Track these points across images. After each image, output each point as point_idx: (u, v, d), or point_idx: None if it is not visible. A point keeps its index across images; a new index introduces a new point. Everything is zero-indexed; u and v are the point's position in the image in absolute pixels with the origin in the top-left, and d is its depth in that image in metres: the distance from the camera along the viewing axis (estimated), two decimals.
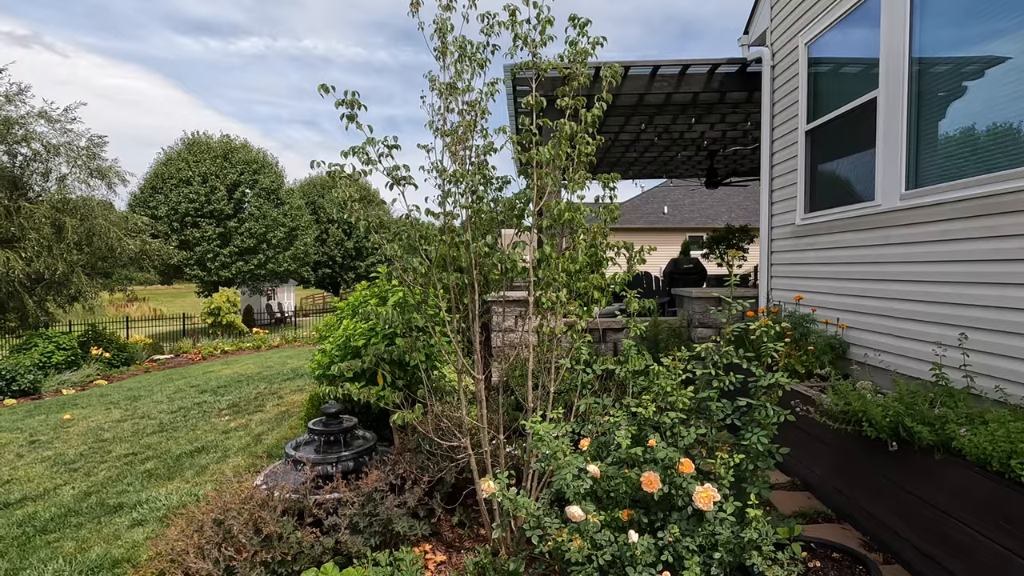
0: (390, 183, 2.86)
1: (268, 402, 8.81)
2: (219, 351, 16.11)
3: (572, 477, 2.25)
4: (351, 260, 32.34)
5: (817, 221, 4.74)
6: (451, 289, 3.16)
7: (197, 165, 22.06)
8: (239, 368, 12.71)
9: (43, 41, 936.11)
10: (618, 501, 2.41)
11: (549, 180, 2.98)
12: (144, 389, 10.72)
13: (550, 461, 2.44)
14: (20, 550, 4.04)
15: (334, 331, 5.08)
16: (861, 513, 3.19)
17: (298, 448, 3.79)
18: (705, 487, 2.10)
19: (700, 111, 7.20)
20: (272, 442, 6.40)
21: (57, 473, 5.87)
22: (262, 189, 23.26)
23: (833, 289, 4.51)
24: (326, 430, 3.72)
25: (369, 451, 3.79)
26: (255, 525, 2.84)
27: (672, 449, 2.25)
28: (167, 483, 5.30)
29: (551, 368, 3.22)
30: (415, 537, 3.28)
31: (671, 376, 2.60)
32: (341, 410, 3.85)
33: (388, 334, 4.68)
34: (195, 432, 7.19)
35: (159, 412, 8.52)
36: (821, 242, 4.69)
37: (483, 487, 2.43)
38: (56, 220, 12.72)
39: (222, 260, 21.78)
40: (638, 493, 2.32)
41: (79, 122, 13.78)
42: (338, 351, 4.74)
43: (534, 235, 3.02)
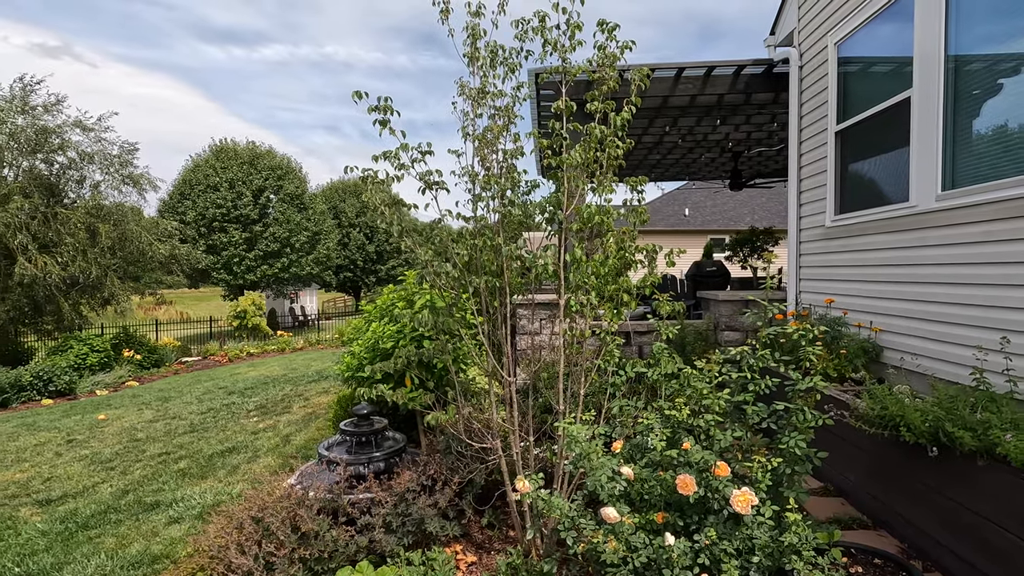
0: (423, 188, 2.90)
1: (294, 404, 8.96)
2: (245, 353, 16.41)
3: (606, 479, 2.26)
4: (372, 264, 32.68)
5: (848, 223, 4.67)
6: (481, 292, 3.19)
7: (224, 171, 22.56)
8: (265, 370, 12.94)
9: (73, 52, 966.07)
10: (652, 504, 2.41)
11: (580, 183, 3.00)
12: (174, 390, 10.98)
13: (583, 463, 2.45)
14: (64, 545, 4.18)
15: (362, 334, 5.15)
16: (898, 519, 3.13)
17: (330, 449, 3.86)
18: (743, 491, 2.09)
19: (725, 112, 7.15)
20: (300, 443, 6.50)
21: (95, 471, 6.05)
22: (286, 194, 23.68)
23: (866, 292, 4.44)
24: (358, 431, 3.78)
25: (399, 452, 3.84)
26: (292, 523, 2.91)
27: (708, 452, 2.24)
28: (200, 482, 5.43)
29: (581, 371, 3.23)
30: (446, 537, 3.32)
31: (705, 379, 2.59)
32: (372, 412, 3.91)
33: (416, 337, 4.74)
34: (225, 432, 7.34)
35: (189, 413, 8.72)
36: (853, 244, 4.62)
37: (517, 487, 2.45)
38: (90, 225, 13.11)
39: (247, 264, 22.21)
40: (672, 496, 2.32)
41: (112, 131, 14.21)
42: (367, 353, 4.81)
43: (564, 238, 3.03)
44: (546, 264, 2.91)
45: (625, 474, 2.40)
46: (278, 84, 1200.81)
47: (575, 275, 2.97)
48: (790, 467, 2.28)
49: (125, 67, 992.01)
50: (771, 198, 26.97)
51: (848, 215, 4.70)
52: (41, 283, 12.12)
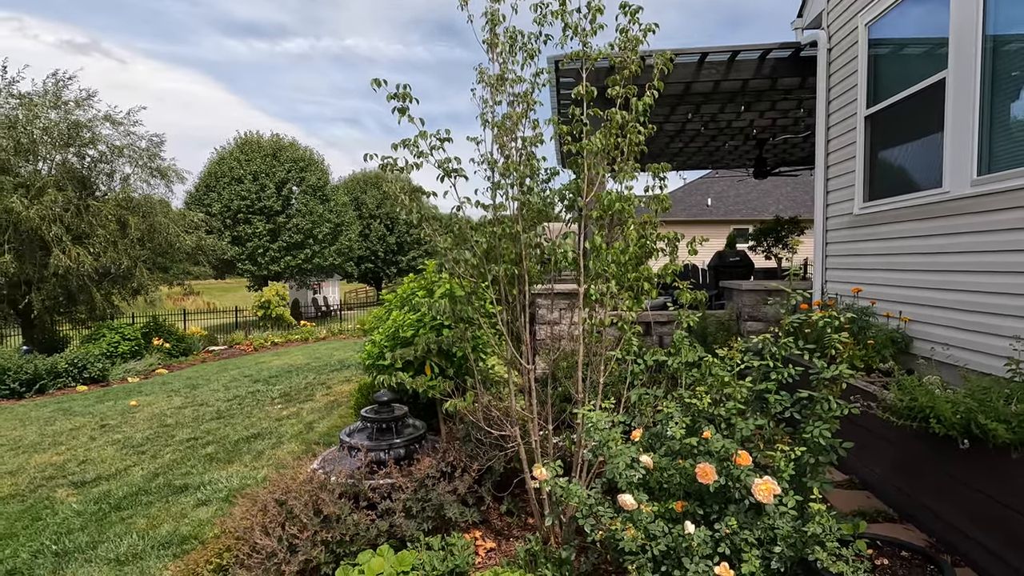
0: (441, 175, 2.90)
1: (317, 392, 9.11)
2: (269, 343, 16.72)
3: (625, 466, 2.25)
4: (393, 255, 32.95)
5: (877, 210, 4.54)
6: (500, 281, 3.19)
7: (248, 164, 22.91)
8: (289, 359, 13.17)
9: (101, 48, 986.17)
10: (672, 492, 2.39)
11: (600, 170, 2.96)
12: (201, 378, 11.25)
13: (602, 451, 2.44)
14: (98, 525, 4.33)
15: (383, 322, 5.20)
16: (925, 513, 3.06)
17: (352, 435, 3.92)
18: (764, 480, 2.06)
19: (749, 99, 6.99)
20: (323, 430, 6.62)
21: (126, 455, 6.24)
22: (309, 186, 23.96)
23: (895, 281, 4.32)
24: (378, 418, 3.83)
25: (419, 439, 3.88)
26: (315, 506, 2.96)
27: (729, 440, 2.21)
28: (227, 466, 5.57)
29: (600, 360, 3.21)
30: (465, 523, 3.35)
31: (726, 367, 2.56)
32: (392, 399, 3.95)
33: (435, 325, 4.77)
34: (250, 419, 7.51)
35: (216, 400, 8.93)
36: (881, 232, 4.49)
37: (535, 474, 2.45)
38: (120, 217, 13.45)
39: (271, 255, 22.58)
40: (692, 485, 2.30)
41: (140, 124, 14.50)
42: (388, 341, 4.86)
43: (583, 226, 3.01)
44: (565, 252, 2.89)
45: (644, 462, 2.38)
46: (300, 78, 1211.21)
47: (595, 263, 2.94)
48: (813, 457, 2.24)
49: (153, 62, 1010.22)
50: (795, 187, 26.39)
51: (877, 202, 4.57)
52: (75, 273, 12.49)
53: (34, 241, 12.47)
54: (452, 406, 3.05)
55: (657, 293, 3.28)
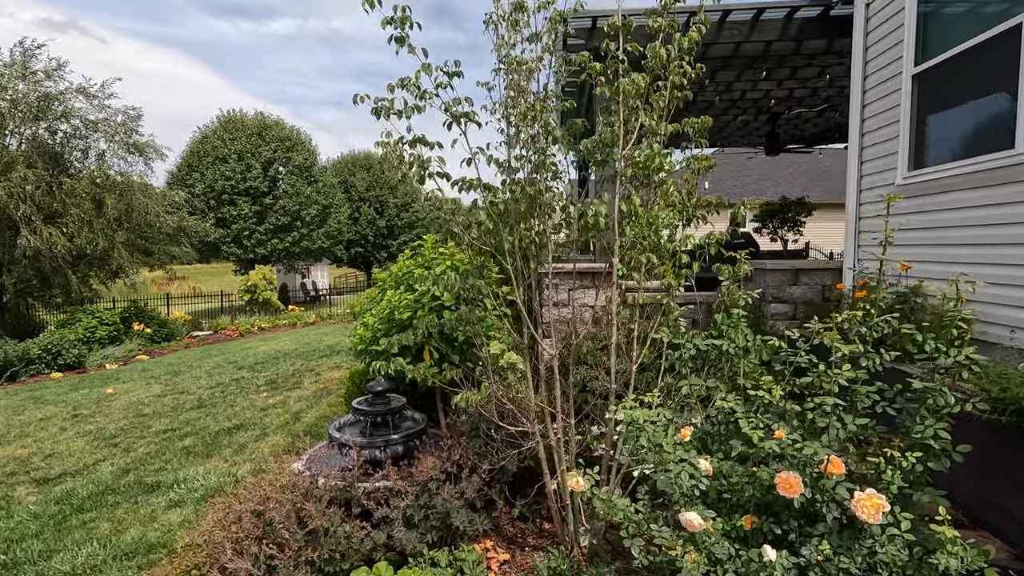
0: (449, 121, 2.40)
1: (305, 379, 8.62)
2: (256, 328, 16.17)
3: (688, 477, 1.80)
4: (383, 239, 32.23)
5: (926, 179, 4.10)
6: (515, 252, 2.71)
7: (233, 143, 22.06)
8: (276, 344, 12.65)
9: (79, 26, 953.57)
10: (737, 505, 1.95)
11: (638, 116, 2.47)
12: (184, 364, 10.71)
13: (650, 454, 1.99)
14: (56, 530, 3.85)
15: (376, 304, 4.71)
16: (1004, 519, 2.66)
17: (342, 429, 3.45)
18: (868, 493, 1.63)
19: (770, 64, 6.50)
20: (311, 420, 6.14)
21: (97, 448, 5.74)
22: (295, 166, 23.17)
23: (946, 257, 3.89)
24: (373, 410, 3.36)
25: (419, 434, 3.42)
26: (299, 517, 2.50)
27: (818, 444, 1.77)
28: (205, 461, 5.08)
29: (633, 344, 2.76)
30: (474, 532, 2.90)
31: (796, 352, 2.11)
32: (388, 388, 3.48)
33: (435, 307, 4.28)
34: (233, 408, 7.02)
35: (198, 388, 8.41)
36: (931, 203, 4.05)
37: (570, 484, 2.00)
38: (96, 195, 12.74)
39: (258, 237, 21.86)
40: (766, 497, 1.87)
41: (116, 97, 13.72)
42: (382, 325, 4.37)
43: (618, 185, 2.53)
44: (597, 215, 2.41)
45: (703, 468, 1.94)
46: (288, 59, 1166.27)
47: (632, 229, 2.47)
48: (921, 464, 1.81)
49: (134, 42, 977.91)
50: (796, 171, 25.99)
51: (925, 171, 4.13)
52: (47, 255, 11.83)
53: (2, 221, 11.77)
54: (464, 400, 2.58)
55: (699, 266, 2.83)
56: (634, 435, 2.01)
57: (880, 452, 1.82)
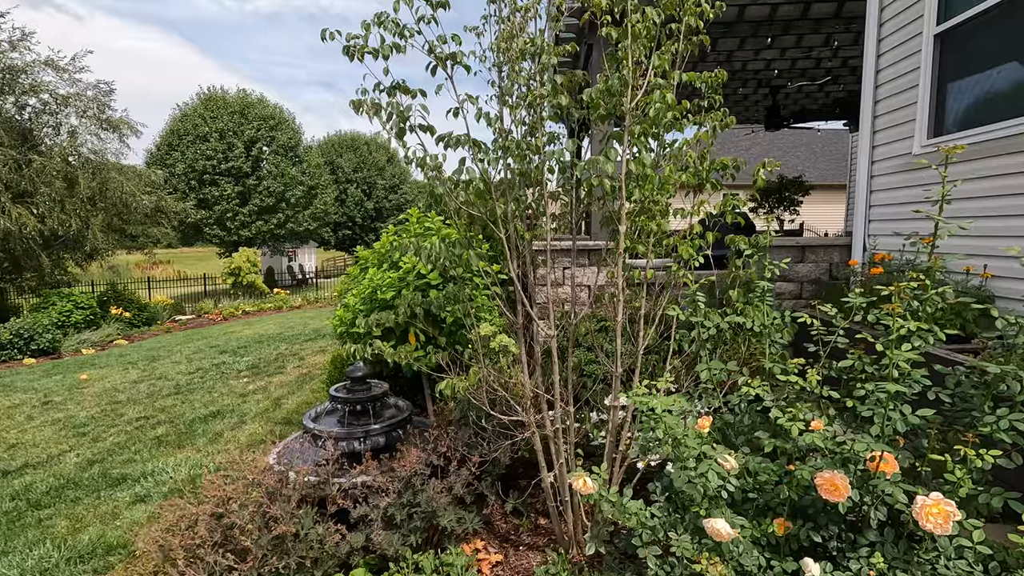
0: (433, 64, 2.07)
1: (288, 363, 8.31)
2: (240, 312, 15.78)
3: (715, 478, 1.52)
4: (371, 221, 31.67)
5: (948, 147, 3.81)
6: (509, 221, 2.40)
7: (214, 121, 21.32)
8: (260, 328, 12.30)
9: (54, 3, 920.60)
10: (767, 507, 1.68)
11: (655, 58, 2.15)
12: (164, 349, 10.34)
13: (667, 448, 1.71)
14: (8, 529, 3.53)
15: (358, 283, 4.38)
16: None
17: (318, 419, 3.15)
18: (934, 499, 1.36)
19: (776, 30, 6.16)
20: (292, 407, 5.84)
21: (64, 437, 5.41)
22: (280, 146, 22.49)
23: (970, 230, 3.63)
24: (351, 398, 3.05)
25: (403, 423, 3.13)
26: (264, 521, 2.20)
27: (870, 439, 1.50)
28: (177, 452, 4.77)
29: (640, 323, 2.47)
30: (463, 532, 2.63)
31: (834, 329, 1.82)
32: (369, 374, 3.17)
33: (421, 285, 3.97)
34: (212, 395, 6.69)
35: (176, 373, 8.07)
36: (953, 173, 3.77)
37: (575, 485, 1.72)
38: (68, 174, 12.17)
39: (241, 219, 21.26)
40: (804, 498, 1.60)
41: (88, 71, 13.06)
42: (363, 305, 4.05)
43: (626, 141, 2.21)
44: (602, 176, 2.09)
45: (729, 466, 1.66)
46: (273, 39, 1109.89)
47: (642, 191, 2.17)
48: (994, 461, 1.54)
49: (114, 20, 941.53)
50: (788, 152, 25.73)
51: (947, 137, 3.85)
52: (17, 236, 11.30)
53: None
54: (449, 387, 2.28)
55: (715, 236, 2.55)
56: (648, 426, 1.73)
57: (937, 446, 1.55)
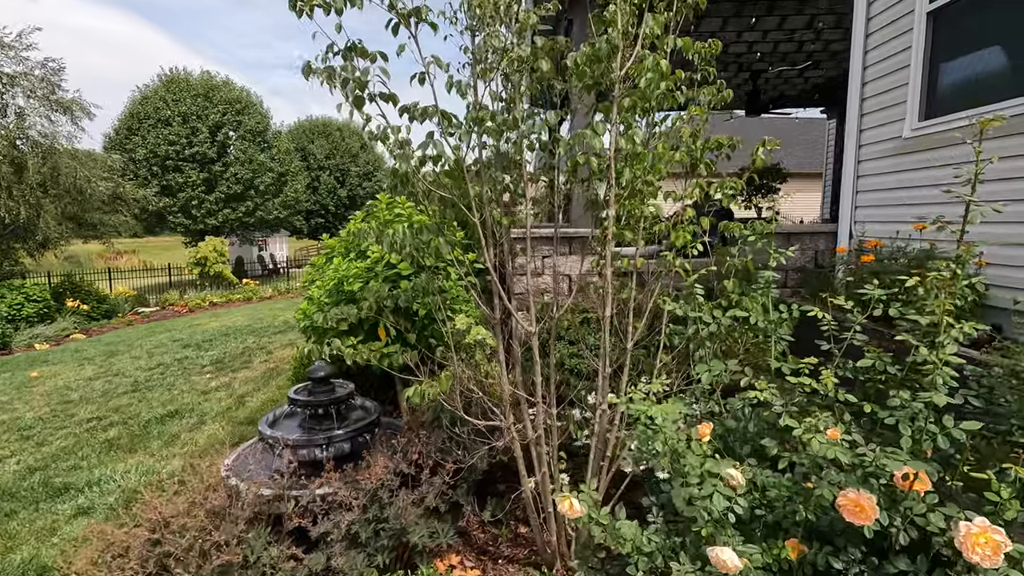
0: (394, 21, 1.79)
1: (255, 358, 7.93)
2: (207, 303, 15.22)
3: (721, 500, 1.32)
4: (344, 209, 30.97)
5: (941, 129, 3.68)
6: (484, 204, 2.14)
7: (176, 104, 20.41)
8: (227, 320, 11.83)
9: None
10: (777, 526, 1.49)
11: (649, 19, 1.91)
12: (124, 343, 9.82)
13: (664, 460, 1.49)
14: None
15: (323, 273, 4.08)
16: None
17: (275, 424, 2.87)
18: (980, 525, 1.18)
19: (760, 10, 5.97)
20: (256, 405, 5.52)
21: (7, 442, 5.00)
22: (247, 131, 21.68)
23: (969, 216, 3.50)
24: (312, 401, 2.78)
25: (370, 427, 2.87)
26: (208, 547, 1.93)
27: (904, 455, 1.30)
28: (128, 456, 4.43)
29: (627, 317, 2.26)
30: (437, 547, 2.39)
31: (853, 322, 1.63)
32: (332, 374, 2.90)
33: (391, 276, 3.70)
34: (171, 393, 6.31)
35: (135, 369, 7.63)
36: (947, 156, 3.65)
37: (561, 508, 1.49)
38: (15, 158, 11.43)
39: (208, 207, 20.50)
40: (823, 519, 1.41)
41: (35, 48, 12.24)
42: (328, 298, 3.76)
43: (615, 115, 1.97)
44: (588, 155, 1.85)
45: (735, 483, 1.46)
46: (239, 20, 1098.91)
47: (633, 170, 1.94)
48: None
49: None
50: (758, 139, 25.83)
51: (941, 120, 3.71)
52: None
53: None
54: (418, 394, 2.03)
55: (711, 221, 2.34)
56: (646, 436, 1.51)
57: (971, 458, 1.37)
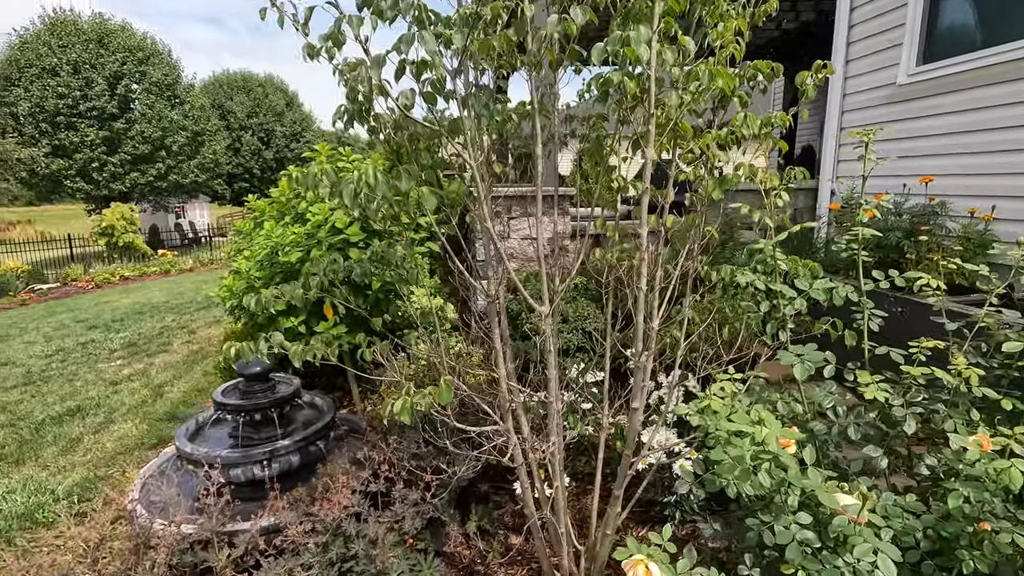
0: None
1: (176, 338, 7.02)
2: (118, 277, 13.68)
3: (866, 551, 0.89)
4: (271, 173, 28.81)
5: (943, 74, 3.41)
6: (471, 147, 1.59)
7: (64, 51, 17.79)
8: (141, 296, 10.61)
9: None
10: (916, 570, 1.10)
11: None
12: (15, 327, 8.52)
13: (787, 497, 1.06)
14: None
15: (252, 241, 3.38)
16: None
17: (200, 433, 2.25)
18: None
19: None
20: (178, 397, 4.75)
21: None
22: (152, 84, 19.33)
23: (972, 167, 3.28)
24: (246, 404, 2.17)
25: (324, 431, 2.30)
26: None
27: None
28: (15, 469, 3.62)
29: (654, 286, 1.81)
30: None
31: None
32: (270, 368, 2.30)
33: (337, 243, 3.07)
34: (73, 384, 5.39)
35: (29, 357, 6.55)
36: (949, 103, 3.39)
37: (633, 574, 1.04)
38: None
39: (112, 170, 18.27)
40: (1001, 568, 1.03)
41: None
42: (259, 270, 3.09)
43: (656, 20, 1.46)
44: (624, 71, 1.34)
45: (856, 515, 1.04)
46: None
47: (681, 94, 1.46)
48: None
49: None
50: None
51: (943, 63, 3.43)
52: None
53: None
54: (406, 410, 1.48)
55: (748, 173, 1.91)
56: (740, 466, 1.06)
57: None
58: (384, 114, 1.53)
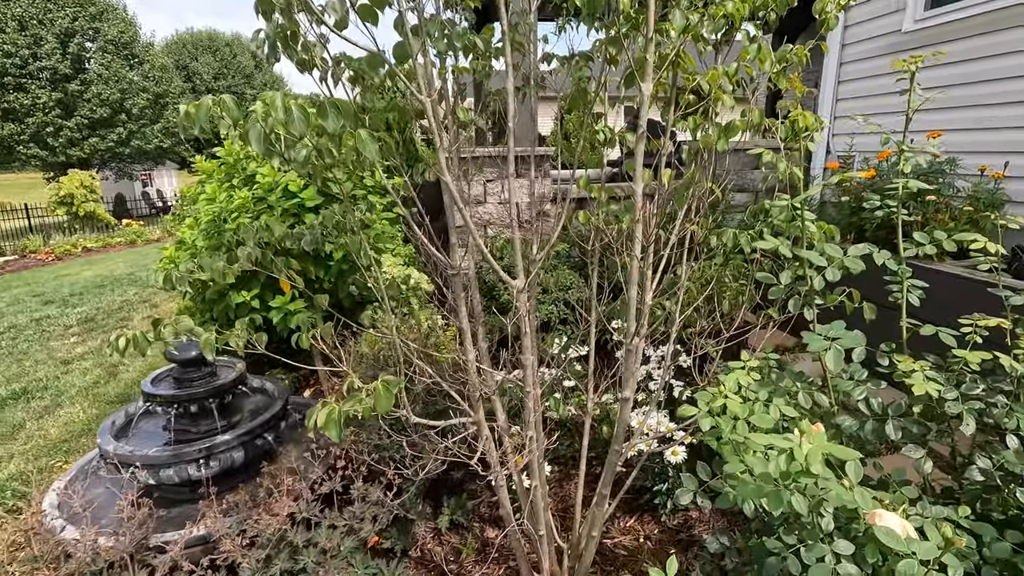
0: None
1: (137, 313, 6.63)
2: (80, 249, 13.06)
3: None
4: None
5: (952, 19, 3.14)
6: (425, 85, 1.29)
7: (8, 5, 16.53)
8: (103, 268, 10.10)
9: None
10: None
11: None
12: None
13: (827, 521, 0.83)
14: None
15: (195, 206, 3.04)
16: None
17: (127, 430, 1.97)
18: None
19: None
20: (133, 377, 4.44)
21: None
22: (108, 42, 18.14)
23: (983, 121, 3.04)
24: (180, 394, 1.89)
25: (274, 422, 2.04)
26: None
27: None
28: None
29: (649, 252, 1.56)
30: None
31: None
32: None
33: (291, 208, 2.74)
34: (21, 364, 5.03)
35: None
36: (959, 51, 3.12)
37: None
38: None
39: (68, 135, 17.27)
40: None
41: None
42: (204, 239, 2.76)
43: None
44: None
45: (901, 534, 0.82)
46: None
47: (688, 12, 1.17)
48: None
49: None
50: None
51: (954, 6, 3.15)
52: None
53: None
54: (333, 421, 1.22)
55: None
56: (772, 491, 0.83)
57: None
58: (315, 42, 1.22)
